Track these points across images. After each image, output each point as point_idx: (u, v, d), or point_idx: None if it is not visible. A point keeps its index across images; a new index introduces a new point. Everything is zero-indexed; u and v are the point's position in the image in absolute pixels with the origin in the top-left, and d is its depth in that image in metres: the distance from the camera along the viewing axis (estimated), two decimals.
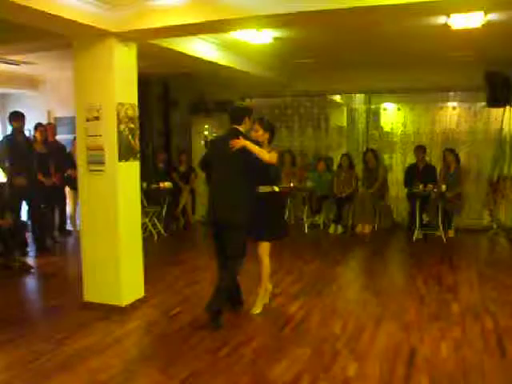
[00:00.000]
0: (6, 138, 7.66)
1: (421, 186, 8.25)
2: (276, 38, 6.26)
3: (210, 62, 6.64)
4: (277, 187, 5.11)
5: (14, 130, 7.57)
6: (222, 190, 4.83)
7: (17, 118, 7.53)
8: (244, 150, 4.60)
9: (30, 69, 8.48)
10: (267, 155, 4.66)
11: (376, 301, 5.39)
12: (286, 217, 6.30)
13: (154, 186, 8.63)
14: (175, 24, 4.59)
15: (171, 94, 10.48)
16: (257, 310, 5.07)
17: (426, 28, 5.75)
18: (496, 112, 8.90)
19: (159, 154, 9.59)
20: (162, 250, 8.08)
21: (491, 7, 4.71)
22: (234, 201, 4.74)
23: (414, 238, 8.26)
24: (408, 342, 4.26)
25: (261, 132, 4.93)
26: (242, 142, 4.61)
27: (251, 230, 4.86)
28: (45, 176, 7.82)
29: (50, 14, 4.08)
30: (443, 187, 8.19)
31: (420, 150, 8.82)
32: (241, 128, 4.82)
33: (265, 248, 5.07)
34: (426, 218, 8.56)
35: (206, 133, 10.38)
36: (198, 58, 6.32)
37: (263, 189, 4.95)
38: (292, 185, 8.81)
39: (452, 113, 9.38)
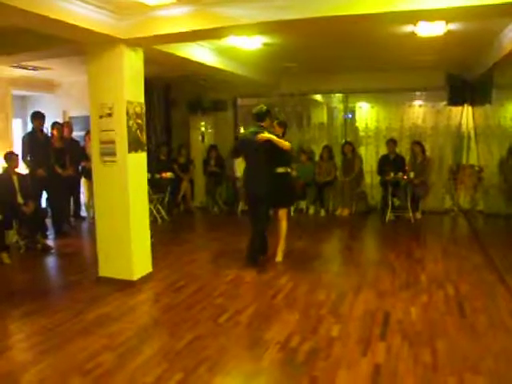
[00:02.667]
0: (28, 135, 7.60)
1: (392, 174, 8.30)
2: (265, 44, 6.26)
3: (207, 66, 6.62)
4: (289, 168, 6.03)
5: (34, 128, 7.52)
6: (252, 172, 5.78)
7: (38, 117, 7.48)
8: (267, 141, 5.51)
9: (47, 74, 8.40)
10: (285, 143, 5.62)
11: (355, 273, 5.46)
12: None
13: (157, 176, 8.62)
14: (176, 31, 4.59)
15: (172, 94, 10.44)
16: (279, 258, 5.95)
17: (396, 36, 5.77)
18: (456, 110, 8.97)
19: (161, 147, 9.54)
20: (166, 232, 8.08)
21: (451, 18, 4.76)
22: (261, 179, 5.65)
23: (387, 219, 8.32)
24: (383, 307, 4.34)
25: (277, 128, 5.99)
26: (266, 136, 5.51)
27: (273, 200, 5.79)
28: (61, 168, 7.79)
29: (67, 23, 4.07)
30: (411, 175, 8.27)
31: (391, 142, 8.87)
32: (263, 125, 5.72)
33: (283, 213, 6.00)
34: (396, 202, 8.62)
35: (202, 129, 10.37)
36: (195, 62, 6.29)
37: (280, 169, 5.83)
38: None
39: (418, 110, 9.42)
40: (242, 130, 6.28)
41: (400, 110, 9.51)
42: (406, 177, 8.25)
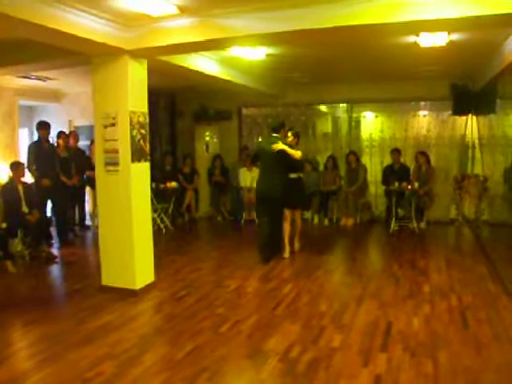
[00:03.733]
0: (33, 144, 7.65)
1: (396, 184, 8.27)
2: (269, 55, 6.29)
3: (211, 76, 6.66)
4: (301, 174, 6.77)
5: (40, 138, 7.58)
6: (267, 176, 6.43)
7: (43, 127, 7.55)
8: (281, 151, 6.20)
9: (54, 84, 8.47)
10: (296, 153, 6.32)
11: (358, 283, 5.44)
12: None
13: (162, 185, 8.66)
14: (180, 42, 4.61)
15: (177, 105, 10.51)
16: (297, 248, 6.91)
17: (399, 46, 5.78)
18: (460, 120, 8.97)
19: (166, 157, 9.60)
20: (169, 241, 8.09)
21: (453, 28, 4.78)
22: (274, 183, 6.32)
23: (391, 229, 8.30)
24: (385, 317, 4.32)
25: (291, 138, 6.67)
26: (280, 146, 6.22)
27: (288, 202, 6.54)
28: (66, 177, 7.83)
29: (73, 34, 4.11)
30: (416, 185, 8.24)
31: (395, 152, 8.86)
32: (278, 136, 6.45)
33: (298, 213, 6.86)
34: (401, 212, 8.61)
35: (207, 139, 10.40)
36: (199, 72, 6.32)
37: (292, 175, 6.55)
38: None
39: (423, 120, 9.43)
40: (259, 139, 6.80)
41: (404, 120, 9.51)
42: (410, 187, 8.22)
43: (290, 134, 6.71)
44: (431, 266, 6.10)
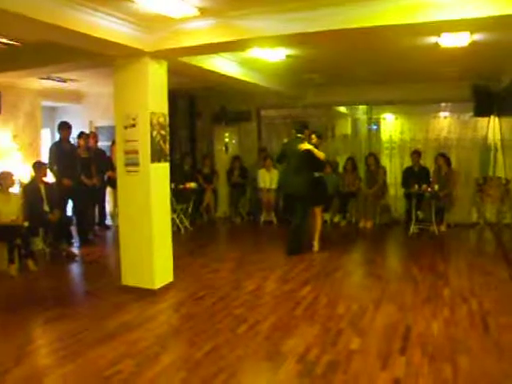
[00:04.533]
0: (55, 144, 7.75)
1: (416, 186, 8.19)
2: (289, 56, 6.28)
3: (230, 77, 6.68)
4: (323, 174, 7.14)
5: (61, 138, 7.68)
6: (293, 175, 6.81)
7: (65, 127, 7.63)
8: (307, 151, 6.61)
9: (75, 85, 8.60)
10: (321, 154, 6.78)
11: (376, 286, 5.39)
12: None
13: (181, 186, 8.70)
14: (200, 44, 4.64)
15: (196, 106, 10.57)
16: (316, 248, 7.04)
17: (420, 47, 5.73)
18: (482, 121, 8.86)
19: (186, 158, 9.64)
20: (188, 242, 8.13)
21: (476, 28, 4.72)
22: (301, 181, 6.69)
23: (410, 232, 8.21)
24: (404, 321, 4.27)
25: (315, 139, 6.95)
26: (307, 146, 6.63)
27: (313, 200, 6.90)
28: (87, 177, 7.92)
29: (94, 36, 4.17)
30: (436, 187, 8.15)
31: (416, 154, 8.78)
32: (302, 136, 6.84)
33: (318, 210, 7.12)
34: (420, 215, 8.51)
35: (226, 140, 10.43)
36: (219, 74, 6.35)
37: (316, 174, 6.87)
38: None
39: (443, 122, 9.35)
40: (284, 140, 7.12)
41: (425, 122, 9.43)
42: (430, 189, 8.14)
43: (313, 136, 6.98)
44: (451, 270, 6.03)
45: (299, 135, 6.88)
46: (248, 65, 6.88)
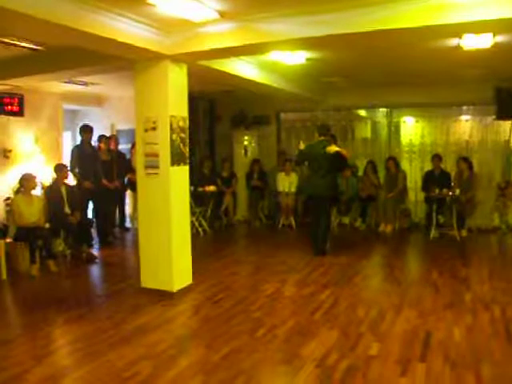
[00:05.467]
0: (77, 147, 7.85)
1: (437, 191, 8.08)
2: (308, 59, 6.26)
3: (250, 80, 6.68)
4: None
5: (83, 141, 7.76)
6: (318, 177, 6.83)
7: (87, 130, 7.74)
8: (337, 152, 6.71)
9: (96, 89, 8.68)
10: (348, 154, 7.01)
11: (396, 291, 5.32)
12: None
13: (200, 189, 8.72)
14: (220, 47, 4.66)
15: (216, 109, 10.59)
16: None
17: (441, 49, 5.67)
18: (504, 124, 8.72)
19: (205, 161, 9.65)
20: (207, 245, 8.15)
21: (499, 30, 4.63)
22: (326, 183, 6.81)
23: (431, 236, 8.10)
24: (424, 326, 4.20)
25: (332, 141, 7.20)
26: (336, 148, 6.77)
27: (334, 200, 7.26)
28: (108, 180, 7.98)
29: (116, 40, 4.23)
30: (457, 191, 8.03)
31: (436, 158, 8.66)
32: (326, 138, 6.94)
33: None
34: (441, 219, 8.39)
35: (245, 143, 10.43)
36: (239, 77, 6.36)
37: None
38: None
39: (465, 125, 9.21)
40: (301, 145, 7.22)
41: (446, 125, 9.30)
42: (451, 193, 8.03)
43: (330, 138, 7.14)
44: (473, 275, 5.93)
45: (322, 138, 6.93)
46: (268, 68, 6.88)
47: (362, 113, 10.69)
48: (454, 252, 7.21)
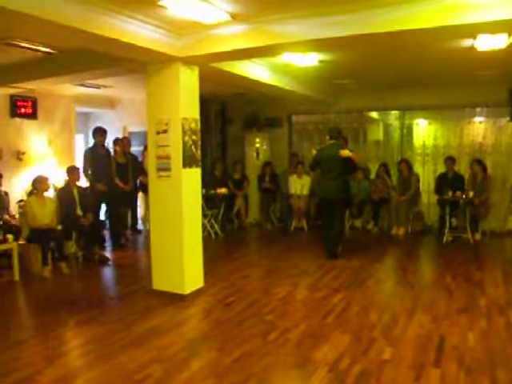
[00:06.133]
0: (90, 149, 7.88)
1: (450, 193, 8.01)
2: (320, 61, 6.23)
3: (262, 83, 6.66)
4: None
5: (96, 143, 7.79)
6: (329, 179, 6.86)
7: (100, 133, 7.77)
8: (347, 156, 6.78)
9: (108, 91, 8.72)
10: (357, 158, 7.14)
11: (409, 294, 5.27)
12: None
13: (212, 191, 8.71)
14: (231, 49, 4.64)
15: (228, 111, 10.59)
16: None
17: (455, 50, 5.61)
18: None
19: (217, 163, 9.63)
20: (219, 247, 8.13)
21: None
22: (338, 185, 6.83)
23: (444, 239, 8.02)
24: (438, 331, 4.14)
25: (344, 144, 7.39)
26: (347, 152, 6.83)
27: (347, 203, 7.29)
28: (124, 183, 7.99)
29: (128, 43, 4.23)
30: (471, 194, 7.94)
31: (450, 160, 8.58)
32: (337, 142, 7.02)
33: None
34: (454, 222, 8.29)
35: (257, 145, 10.41)
36: (250, 79, 6.34)
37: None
38: None
39: (479, 127, 9.10)
40: (313, 152, 7.37)
41: (459, 127, 9.21)
42: (464, 196, 7.94)
43: (342, 141, 7.29)
44: (487, 279, 5.84)
45: (334, 141, 7.00)
46: (280, 70, 6.86)
47: (374, 115, 10.63)
48: (467, 255, 7.12)
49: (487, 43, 5.14)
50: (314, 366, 3.52)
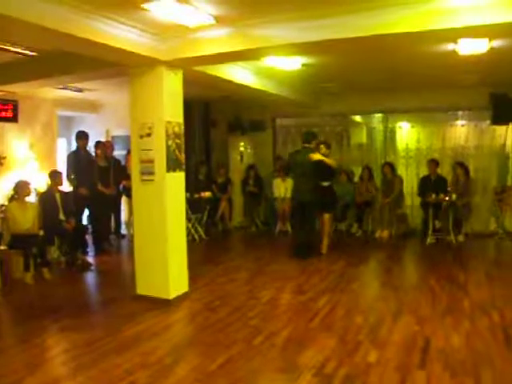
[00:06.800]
0: (73, 153, 7.80)
1: (433, 196, 8.08)
2: (304, 65, 6.25)
3: (246, 86, 6.67)
4: (331, 183, 7.35)
5: (79, 147, 7.71)
6: (301, 183, 7.14)
7: (82, 137, 7.71)
8: (319, 161, 6.96)
9: (91, 95, 8.64)
10: (332, 162, 7.21)
11: (394, 297, 5.29)
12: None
13: (196, 195, 8.68)
14: (216, 53, 4.65)
15: (211, 114, 10.56)
16: (323, 250, 7.33)
17: (437, 54, 5.67)
18: (500, 129, 8.74)
19: (200, 167, 9.62)
20: (203, 251, 8.10)
21: (495, 35, 4.63)
22: (309, 189, 7.02)
23: (428, 242, 8.10)
24: (423, 333, 4.17)
25: (324, 149, 7.20)
26: (317, 157, 6.98)
27: (319, 207, 7.20)
28: (105, 186, 7.93)
29: (111, 46, 4.21)
30: (453, 196, 8.03)
31: (433, 163, 8.65)
32: (311, 146, 7.15)
33: (326, 217, 7.42)
34: (438, 224, 8.37)
35: (241, 149, 10.41)
36: (235, 83, 6.34)
37: (324, 183, 7.22)
38: None
39: (461, 130, 9.23)
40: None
41: (442, 130, 9.33)
42: (447, 198, 8.02)
43: (322, 146, 7.26)
44: (470, 281, 5.90)
45: (307, 145, 7.19)
46: (263, 74, 6.87)
47: (358, 118, 10.70)
48: (450, 257, 7.20)
49: (468, 47, 5.20)
50: (299, 369, 3.52)
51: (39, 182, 7.64)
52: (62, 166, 7.85)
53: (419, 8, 3.79)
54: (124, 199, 8.88)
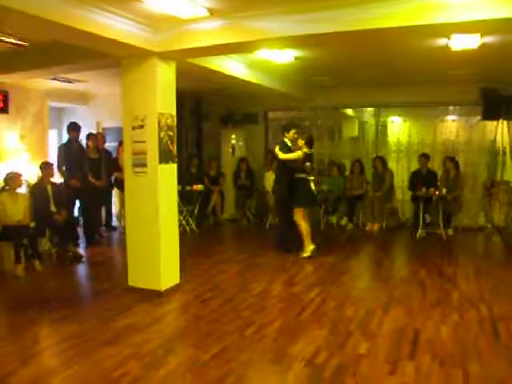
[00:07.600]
0: (64, 145, 7.76)
1: (424, 190, 8.14)
2: (297, 58, 6.26)
3: (238, 79, 6.66)
4: (307, 175, 6.84)
5: (70, 139, 7.68)
6: (276, 177, 7.14)
7: (74, 128, 7.65)
8: (276, 154, 6.86)
9: (82, 86, 8.60)
10: (291, 155, 6.69)
11: (384, 289, 5.35)
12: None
13: (188, 188, 8.68)
14: (209, 45, 4.63)
15: (203, 107, 10.54)
16: (304, 254, 6.74)
17: (429, 49, 5.69)
18: (490, 125, 8.81)
19: (192, 159, 9.61)
20: (195, 244, 8.10)
21: (487, 31, 4.67)
22: (277, 183, 7.05)
23: (418, 235, 8.16)
24: (412, 325, 4.22)
25: (302, 143, 6.78)
26: (277, 151, 6.82)
27: (292, 201, 6.81)
28: (96, 178, 7.90)
29: (103, 36, 4.17)
30: (444, 191, 8.10)
31: (423, 157, 8.72)
32: (287, 137, 6.85)
33: (299, 213, 6.80)
34: (428, 218, 8.45)
35: (233, 142, 10.40)
36: (227, 75, 6.33)
37: (300, 175, 6.77)
38: None
39: (451, 125, 9.30)
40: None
41: (433, 125, 9.38)
42: (438, 192, 8.09)
43: (300, 139, 6.80)
44: (459, 274, 5.97)
45: (285, 135, 6.92)
46: (256, 66, 6.86)
47: (350, 112, 10.74)
48: (440, 251, 7.26)
49: (461, 43, 5.24)
50: (291, 360, 3.55)
51: (30, 174, 7.59)
52: (53, 158, 7.79)
53: (412, 2, 3.80)
54: (115, 191, 8.86)
